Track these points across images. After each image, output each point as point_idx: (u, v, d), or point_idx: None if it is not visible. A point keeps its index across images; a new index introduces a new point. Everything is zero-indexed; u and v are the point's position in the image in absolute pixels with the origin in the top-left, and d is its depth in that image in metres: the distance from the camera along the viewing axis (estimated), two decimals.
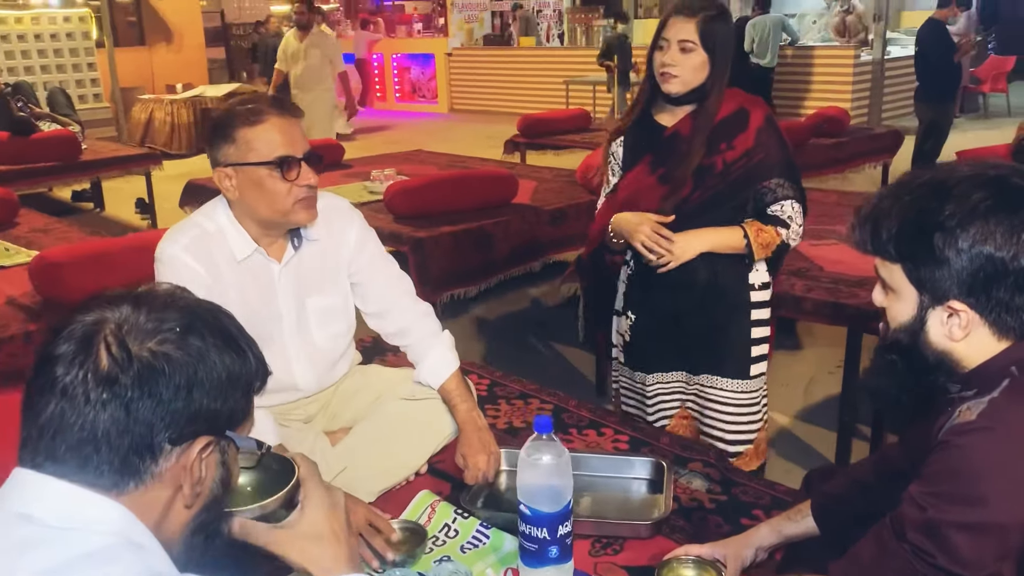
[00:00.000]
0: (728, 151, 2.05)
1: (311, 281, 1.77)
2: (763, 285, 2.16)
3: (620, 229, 2.09)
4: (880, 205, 1.12)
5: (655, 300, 2.17)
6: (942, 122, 6.47)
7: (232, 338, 0.93)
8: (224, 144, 1.58)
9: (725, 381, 2.14)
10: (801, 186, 2.10)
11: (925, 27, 6.37)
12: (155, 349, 0.85)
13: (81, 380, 0.82)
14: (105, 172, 6.54)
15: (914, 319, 1.11)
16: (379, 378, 1.91)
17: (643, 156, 2.15)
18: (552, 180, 5.00)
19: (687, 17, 2.01)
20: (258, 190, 1.60)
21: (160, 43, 12.62)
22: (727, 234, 2.04)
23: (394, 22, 15.86)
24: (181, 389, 0.85)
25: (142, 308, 0.88)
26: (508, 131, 8.14)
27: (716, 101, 2.05)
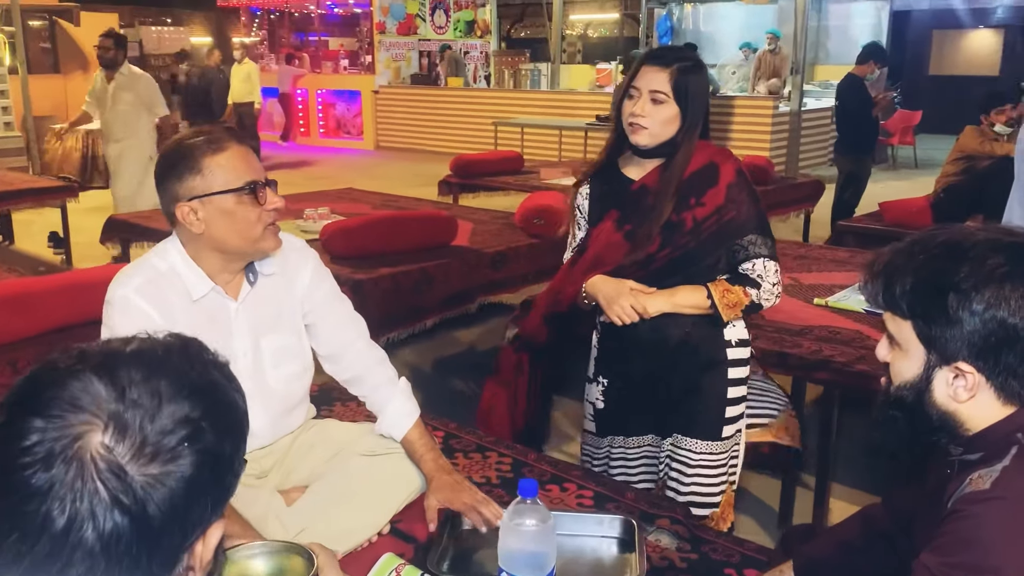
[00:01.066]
0: (698, 207, 1.98)
1: (267, 319, 1.71)
2: (740, 342, 2.08)
3: (595, 296, 2.03)
4: (894, 261, 1.13)
5: (627, 363, 2.11)
6: (861, 173, 6.73)
7: (231, 406, 0.83)
8: (190, 176, 1.52)
9: (694, 442, 2.07)
10: (774, 241, 2.04)
11: (844, 82, 6.64)
12: (161, 473, 0.73)
13: (89, 514, 0.70)
14: (17, 204, 6.24)
15: (920, 377, 1.11)
16: (337, 433, 1.83)
17: (609, 210, 2.09)
18: (490, 222, 4.99)
19: (660, 67, 1.94)
20: (228, 219, 1.54)
21: (75, 71, 12.21)
22: (691, 294, 1.98)
23: (320, 58, 15.79)
24: (199, 498, 0.77)
25: (123, 397, 0.73)
26: (436, 170, 8.13)
27: (685, 156, 1.98)
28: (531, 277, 4.37)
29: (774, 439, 2.57)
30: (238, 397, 0.84)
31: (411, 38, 14.73)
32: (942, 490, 1.11)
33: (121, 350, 0.79)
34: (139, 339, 0.81)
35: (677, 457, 2.10)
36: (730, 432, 2.10)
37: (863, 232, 4.92)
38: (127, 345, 0.80)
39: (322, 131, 14.95)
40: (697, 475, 2.09)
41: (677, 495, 2.10)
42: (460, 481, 1.68)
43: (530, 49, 16.19)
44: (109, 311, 1.57)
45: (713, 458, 2.09)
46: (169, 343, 0.82)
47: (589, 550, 1.64)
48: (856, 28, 14.26)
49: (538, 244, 4.41)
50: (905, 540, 1.25)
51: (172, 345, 0.82)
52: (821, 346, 2.74)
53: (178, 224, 1.57)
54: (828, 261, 3.91)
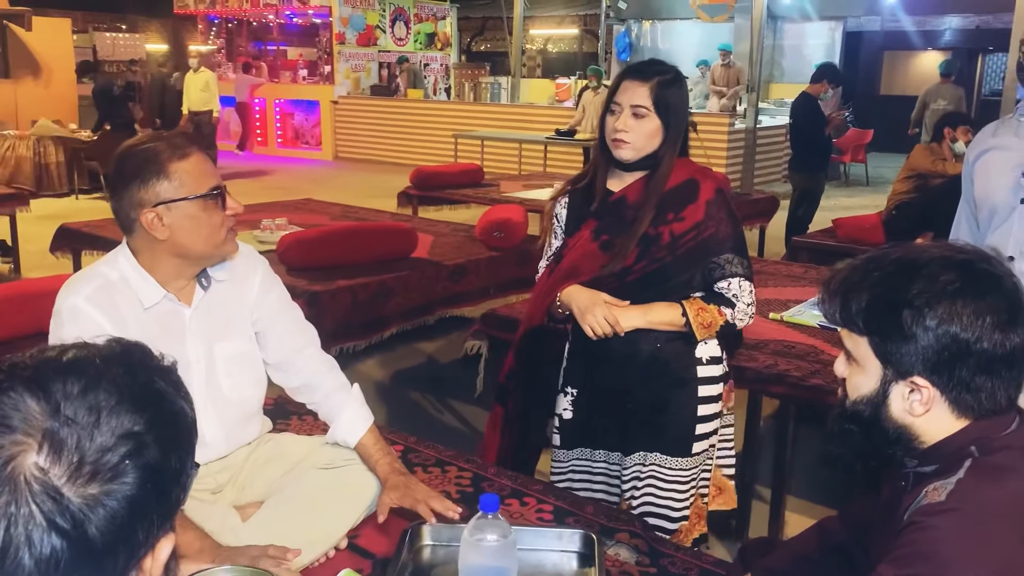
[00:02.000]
0: (676, 222, 1.98)
1: (219, 326, 1.69)
2: (712, 359, 2.07)
3: (569, 304, 2.02)
4: (850, 278, 1.15)
5: (597, 374, 2.10)
6: (814, 190, 6.85)
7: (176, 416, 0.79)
8: (157, 181, 1.50)
9: (663, 458, 2.06)
10: (750, 262, 2.04)
11: (798, 101, 6.76)
12: (101, 492, 0.69)
13: (24, 540, 0.66)
14: None
15: (876, 392, 1.13)
16: (292, 446, 1.81)
17: (587, 220, 2.08)
18: (449, 234, 4.98)
19: (640, 81, 1.95)
20: (195, 224, 1.54)
21: (26, 76, 11.95)
22: (666, 311, 1.97)
23: (278, 67, 15.66)
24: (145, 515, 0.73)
25: (58, 413, 0.69)
26: (395, 181, 8.11)
27: (668, 169, 1.99)
28: (491, 290, 4.37)
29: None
30: (185, 405, 0.80)
31: (371, 49, 14.69)
32: (897, 502, 1.13)
33: (56, 360, 0.74)
34: (76, 347, 0.76)
35: (647, 473, 2.08)
36: (700, 448, 2.08)
37: (817, 248, 5.01)
38: (63, 354, 0.75)
39: (280, 141, 14.82)
40: (664, 490, 2.08)
41: (651, 508, 2.08)
42: (414, 481, 1.67)
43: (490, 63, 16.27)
44: (57, 321, 1.54)
45: (683, 474, 2.08)
46: (109, 350, 0.78)
47: (549, 565, 1.63)
48: (810, 48, 14.56)
49: (498, 257, 4.42)
50: (860, 552, 1.27)
51: (112, 353, 0.77)
52: (776, 360, 2.77)
53: (137, 230, 1.55)
54: (783, 276, 3.96)
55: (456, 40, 15.69)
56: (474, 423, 3.90)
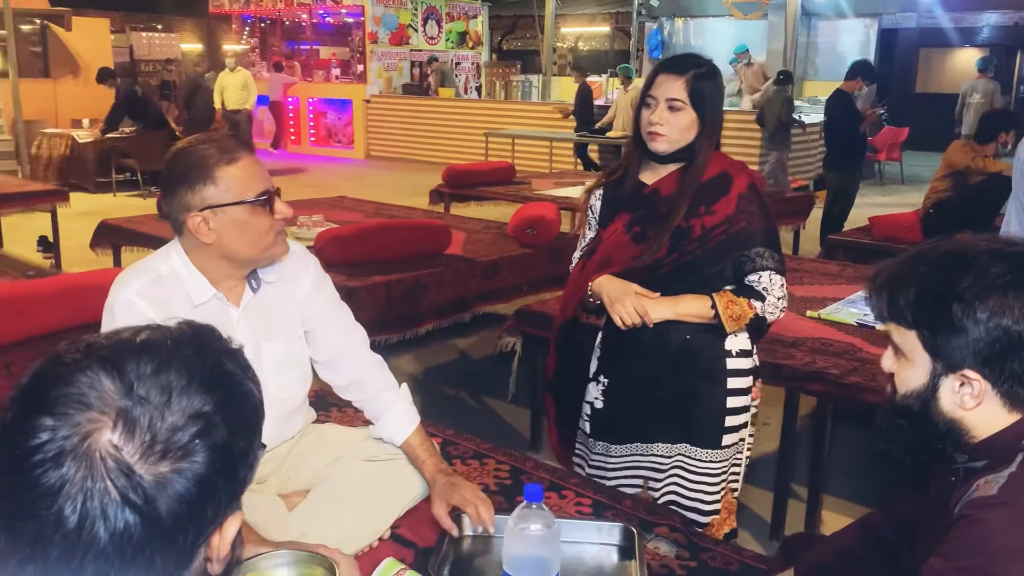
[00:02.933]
0: (707, 215, 1.99)
1: (267, 326, 1.70)
2: (742, 352, 2.07)
3: (600, 294, 2.04)
4: (897, 273, 1.14)
5: (627, 364, 2.11)
6: (849, 188, 6.79)
7: (244, 397, 0.81)
8: (204, 186, 1.51)
9: (694, 450, 2.07)
10: (782, 256, 2.04)
11: (833, 98, 6.70)
12: (171, 471, 0.72)
13: (100, 514, 0.69)
14: (7, 208, 6.20)
15: (925, 386, 1.13)
16: (337, 438, 1.83)
17: (620, 212, 2.10)
18: (482, 232, 5.00)
19: (676, 75, 1.96)
20: (241, 229, 1.54)
21: (66, 76, 12.18)
22: (695, 303, 1.98)
23: (311, 66, 15.78)
24: (213, 494, 0.75)
25: (131, 393, 0.71)
26: (426, 179, 8.14)
27: (704, 162, 2.00)
28: (524, 287, 4.38)
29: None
30: (253, 387, 0.82)
31: (403, 48, 14.77)
32: (947, 496, 1.12)
33: (130, 341, 0.77)
34: (149, 329, 0.79)
35: (676, 464, 2.10)
36: (731, 441, 2.09)
37: (853, 246, 4.97)
38: (137, 335, 0.77)
39: (313, 139, 14.95)
40: (696, 483, 2.09)
41: (680, 500, 2.10)
42: (461, 481, 1.68)
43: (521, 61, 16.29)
44: (109, 314, 1.56)
45: (714, 466, 2.08)
46: (180, 332, 0.80)
47: (589, 557, 1.64)
48: (845, 45, 14.39)
49: (531, 254, 4.43)
50: (906, 548, 1.27)
51: (184, 334, 0.79)
52: (814, 358, 2.76)
53: (185, 232, 1.56)
54: (819, 274, 3.94)
55: (487, 38, 15.72)
56: (507, 419, 3.91)
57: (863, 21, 14.42)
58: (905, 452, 1.18)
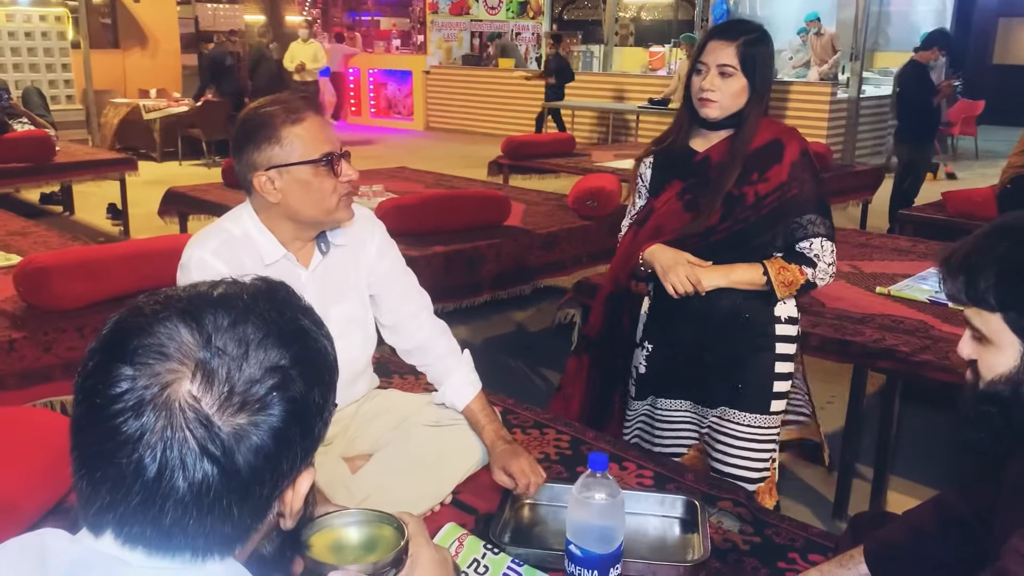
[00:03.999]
0: (760, 183, 2.00)
1: (335, 289, 1.72)
2: (790, 319, 2.10)
3: (652, 263, 2.05)
4: (973, 253, 1.09)
5: (675, 330, 2.13)
6: (921, 162, 6.57)
7: (320, 353, 0.81)
8: (269, 146, 1.53)
9: (743, 415, 2.09)
10: (832, 222, 2.05)
11: (906, 68, 6.47)
12: (249, 423, 0.72)
13: (179, 463, 0.70)
14: (79, 175, 6.38)
15: (1017, 368, 1.08)
16: (401, 403, 1.84)
17: (671, 180, 2.11)
18: (541, 203, 4.97)
19: (727, 41, 1.96)
20: (305, 189, 1.56)
21: (134, 47, 12.42)
22: (747, 271, 2.00)
23: (372, 37, 15.83)
24: (289, 447, 0.75)
25: (209, 344, 0.72)
26: (485, 151, 8.13)
27: (753, 127, 2.01)
28: (584, 259, 4.35)
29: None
30: (327, 343, 0.82)
31: (463, 19, 14.70)
32: None
33: (208, 294, 0.77)
34: (226, 283, 0.79)
35: (723, 430, 2.11)
36: (778, 408, 2.11)
37: (924, 222, 4.80)
38: (214, 289, 0.78)
39: (373, 111, 15.02)
40: (744, 448, 2.10)
41: (723, 467, 2.10)
42: (519, 450, 1.68)
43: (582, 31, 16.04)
44: (185, 274, 1.59)
45: (761, 432, 2.10)
46: (256, 287, 0.80)
47: (652, 529, 1.63)
48: (918, 14, 13.87)
49: (590, 226, 4.39)
50: (982, 528, 1.22)
51: (259, 289, 0.80)
52: (884, 335, 2.68)
53: (253, 192, 1.58)
54: (889, 250, 3.83)
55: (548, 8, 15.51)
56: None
57: None
58: (996, 439, 1.12)
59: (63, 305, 2.76)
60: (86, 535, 0.74)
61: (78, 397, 0.73)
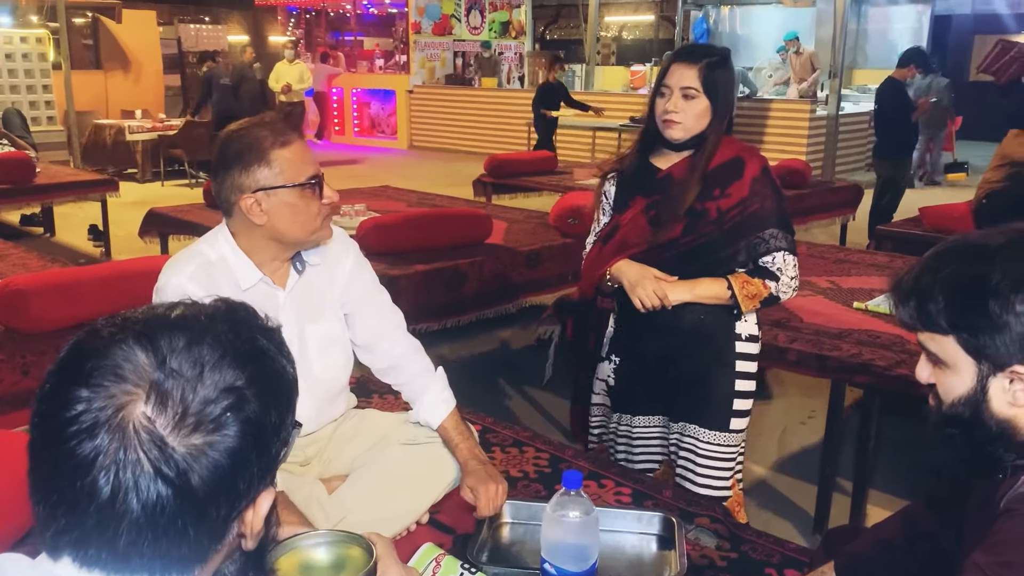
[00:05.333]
0: (722, 198, 2.05)
1: (311, 308, 1.73)
2: (750, 337, 2.14)
3: (619, 278, 2.08)
4: (920, 279, 1.10)
5: (641, 344, 2.17)
6: (899, 178, 6.64)
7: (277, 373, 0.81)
8: (257, 168, 1.54)
9: (703, 432, 2.11)
10: (794, 237, 2.10)
11: (884, 85, 6.55)
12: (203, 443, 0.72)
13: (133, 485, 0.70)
14: (60, 196, 6.35)
15: (974, 390, 1.09)
16: (377, 422, 1.84)
17: (635, 197, 2.15)
18: (524, 221, 4.99)
19: (690, 64, 2.01)
20: (291, 211, 1.57)
21: (116, 68, 12.40)
22: (712, 285, 2.05)
23: (355, 57, 15.88)
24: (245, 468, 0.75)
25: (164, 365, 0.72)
26: (469, 169, 8.15)
27: (713, 145, 2.06)
28: (568, 277, 4.37)
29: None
30: (286, 363, 0.82)
31: (446, 38, 14.77)
32: (993, 491, 1.09)
33: (165, 316, 0.77)
34: (184, 305, 0.80)
35: (685, 445, 2.14)
36: (738, 426, 2.14)
37: (903, 237, 4.86)
38: (172, 311, 0.78)
39: (356, 130, 15.05)
40: (705, 465, 2.12)
41: (691, 485, 2.12)
42: (491, 472, 1.67)
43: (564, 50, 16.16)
44: (161, 298, 1.58)
45: (721, 449, 2.12)
46: (215, 308, 0.80)
47: (629, 547, 1.63)
48: (896, 32, 14.06)
49: (572, 244, 4.41)
50: (949, 539, 1.24)
51: (218, 311, 0.80)
52: (861, 349, 2.71)
53: (235, 214, 1.59)
54: (867, 265, 3.87)
55: (531, 28, 15.64)
56: (547, 408, 3.90)
57: (915, 7, 14.08)
58: (962, 461, 1.13)
59: (42, 328, 2.74)
60: (45, 559, 0.74)
61: (34, 420, 0.73)
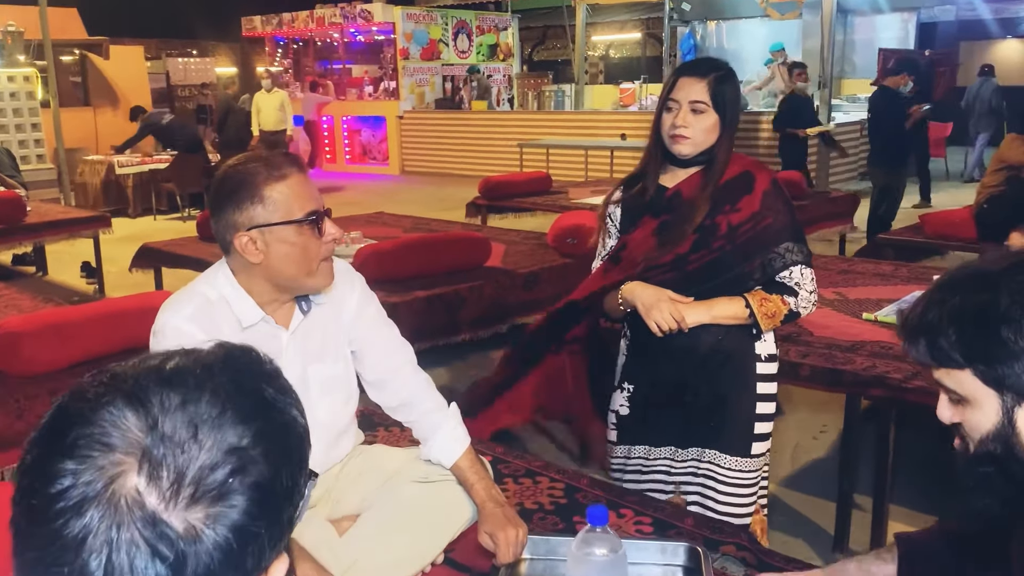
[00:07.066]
0: (732, 212, 1.99)
1: (316, 349, 1.65)
2: (770, 357, 2.07)
3: (632, 301, 2.00)
4: (927, 314, 1.04)
5: (656, 369, 2.08)
6: (895, 186, 6.62)
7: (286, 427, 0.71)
8: (251, 205, 1.45)
9: (724, 458, 2.03)
10: (809, 250, 2.04)
11: (877, 94, 6.55)
12: (205, 516, 0.63)
13: (128, 567, 0.62)
14: (51, 235, 6.29)
15: (1001, 423, 1.02)
16: (386, 459, 1.77)
17: (642, 217, 2.08)
18: (521, 242, 4.95)
19: (698, 77, 1.97)
20: (288, 250, 1.48)
21: (105, 104, 12.37)
22: (729, 305, 1.97)
23: (344, 85, 15.89)
24: (253, 539, 0.66)
25: (155, 429, 0.64)
26: (461, 193, 8.11)
27: (724, 162, 2.00)
28: (563, 296, 4.30)
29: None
30: (296, 413, 0.73)
31: (435, 63, 14.81)
32: None
33: (158, 370, 0.68)
34: (179, 354, 0.70)
35: (702, 472, 2.06)
36: (760, 450, 2.07)
37: (904, 245, 4.82)
38: (166, 363, 0.69)
39: (348, 157, 15.03)
40: (725, 492, 2.05)
41: (710, 513, 2.03)
42: (510, 515, 1.59)
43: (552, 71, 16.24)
44: (161, 341, 1.50)
45: (743, 476, 2.05)
46: (213, 356, 0.71)
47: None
48: (883, 41, 14.10)
49: (571, 264, 4.36)
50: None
51: (216, 359, 0.71)
52: (875, 362, 2.65)
53: (232, 252, 1.51)
54: (872, 275, 3.81)
55: (518, 50, 15.71)
56: (551, 430, 3.82)
57: (900, 15, 14.16)
58: (1003, 502, 1.06)
59: (35, 370, 2.68)
60: None
61: (15, 497, 0.65)
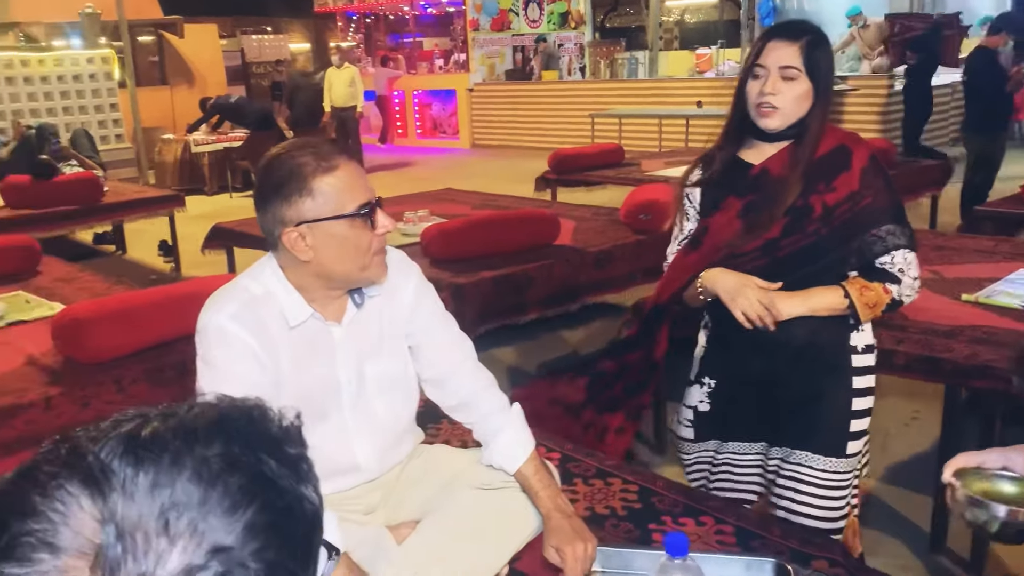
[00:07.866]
0: (828, 193, 1.79)
1: (370, 343, 1.55)
2: (867, 348, 1.88)
3: (714, 289, 1.84)
4: None
5: (740, 363, 1.92)
6: (993, 154, 6.20)
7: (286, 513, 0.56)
8: (299, 199, 1.35)
9: (816, 458, 1.86)
10: (912, 231, 1.83)
11: (975, 55, 6.14)
12: None
13: None
14: (128, 214, 6.40)
15: None
16: (447, 462, 1.66)
17: (726, 198, 1.89)
18: (592, 219, 4.78)
19: (789, 41, 1.76)
20: (340, 245, 1.39)
21: (181, 83, 12.59)
22: (827, 295, 1.79)
23: (415, 59, 15.85)
24: None
25: (113, 516, 0.51)
26: (532, 166, 7.96)
27: (817, 135, 1.80)
28: (638, 275, 4.15)
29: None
30: (304, 489, 0.58)
31: (505, 34, 14.62)
32: None
33: (131, 437, 0.54)
34: (161, 415, 0.56)
35: (788, 473, 1.89)
36: (855, 449, 1.88)
37: (1004, 217, 4.48)
38: (143, 427, 0.55)
39: (419, 132, 15.01)
40: (815, 495, 1.87)
41: (798, 518, 1.88)
42: (578, 528, 1.48)
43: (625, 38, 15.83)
44: (204, 341, 1.43)
45: (836, 477, 1.86)
46: (202, 420, 0.57)
47: None
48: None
49: (645, 240, 4.18)
50: None
51: (204, 423, 0.56)
52: (977, 349, 2.43)
53: (281, 248, 1.42)
54: (971, 251, 3.54)
55: (590, 17, 15.33)
56: None
57: None
58: None
59: (100, 357, 2.66)
60: None
61: None
